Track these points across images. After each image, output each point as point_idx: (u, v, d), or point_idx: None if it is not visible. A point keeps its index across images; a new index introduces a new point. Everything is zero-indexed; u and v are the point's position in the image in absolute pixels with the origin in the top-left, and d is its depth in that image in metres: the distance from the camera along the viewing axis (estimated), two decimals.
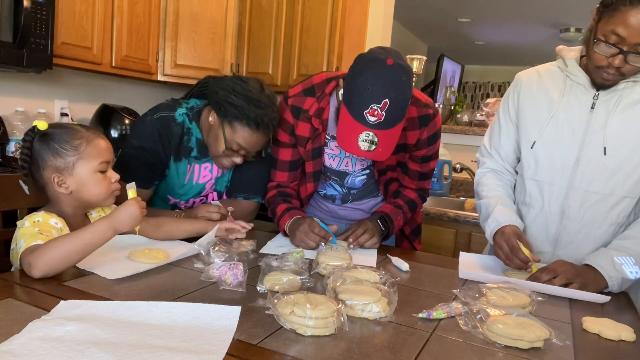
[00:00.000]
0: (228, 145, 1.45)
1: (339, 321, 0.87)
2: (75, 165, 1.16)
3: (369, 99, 1.26)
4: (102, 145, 1.21)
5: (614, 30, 1.20)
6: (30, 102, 2.63)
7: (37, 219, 1.11)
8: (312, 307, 0.86)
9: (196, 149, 1.56)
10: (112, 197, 1.24)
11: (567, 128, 1.38)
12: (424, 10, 5.67)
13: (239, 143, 1.44)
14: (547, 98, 1.43)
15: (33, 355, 0.71)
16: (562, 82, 1.42)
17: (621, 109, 1.32)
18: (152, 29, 2.91)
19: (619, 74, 1.27)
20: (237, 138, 1.44)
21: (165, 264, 1.19)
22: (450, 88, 3.59)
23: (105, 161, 1.20)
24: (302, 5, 3.08)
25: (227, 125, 1.44)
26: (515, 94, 1.51)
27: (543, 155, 1.43)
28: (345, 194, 1.68)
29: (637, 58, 1.22)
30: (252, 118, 1.41)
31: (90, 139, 1.19)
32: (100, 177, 1.19)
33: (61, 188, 1.16)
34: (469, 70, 8.77)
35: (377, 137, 1.27)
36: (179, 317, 0.87)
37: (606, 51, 1.25)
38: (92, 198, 1.20)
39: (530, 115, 1.46)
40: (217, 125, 1.46)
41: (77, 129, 1.20)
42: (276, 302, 0.90)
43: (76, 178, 1.16)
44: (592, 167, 1.36)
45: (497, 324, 0.90)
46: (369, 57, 1.29)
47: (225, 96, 1.42)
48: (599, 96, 1.35)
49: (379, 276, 1.11)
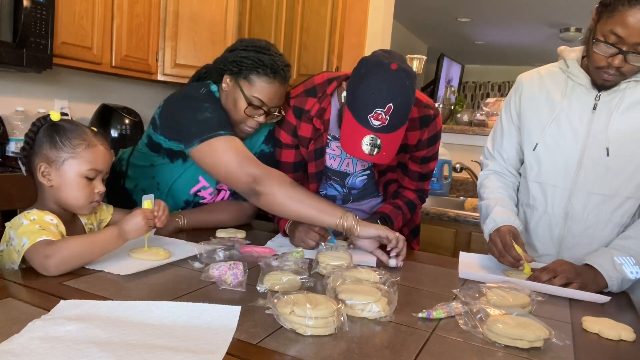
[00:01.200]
0: (248, 101, 1.43)
1: (338, 321, 0.87)
2: (64, 162, 1.16)
3: (373, 103, 1.25)
4: (101, 153, 1.20)
5: (613, 30, 1.21)
6: (30, 102, 2.63)
7: (32, 217, 1.11)
8: (312, 306, 0.86)
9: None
10: (89, 208, 1.21)
11: (569, 129, 1.38)
12: (424, 10, 5.67)
13: (259, 97, 1.43)
14: (548, 100, 1.43)
15: (33, 354, 0.71)
16: (563, 83, 1.42)
17: (623, 109, 1.32)
18: (152, 28, 2.91)
19: (619, 74, 1.27)
20: (256, 92, 1.43)
21: (166, 263, 1.19)
22: (450, 88, 3.59)
23: (96, 169, 1.19)
24: (302, 5, 3.08)
25: (244, 82, 1.43)
26: (517, 95, 1.51)
27: (545, 157, 1.43)
28: (346, 194, 1.68)
29: (636, 57, 1.22)
30: (267, 65, 1.41)
31: (92, 144, 1.18)
32: (84, 182, 1.18)
33: (44, 179, 1.16)
34: (469, 70, 8.77)
35: (380, 140, 1.28)
36: (179, 317, 0.87)
37: (606, 51, 1.25)
38: (69, 200, 1.18)
39: (532, 117, 1.46)
40: (233, 87, 1.45)
41: (85, 131, 1.20)
42: (276, 301, 0.90)
43: (61, 175, 1.16)
44: (595, 168, 1.35)
45: (497, 324, 0.90)
46: (373, 61, 1.29)
47: (235, 55, 1.44)
48: (600, 97, 1.35)
49: (378, 276, 1.10)
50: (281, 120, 1.56)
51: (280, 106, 1.51)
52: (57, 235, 1.10)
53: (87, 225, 1.28)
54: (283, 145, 1.59)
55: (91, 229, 1.29)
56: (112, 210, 1.37)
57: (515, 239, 1.31)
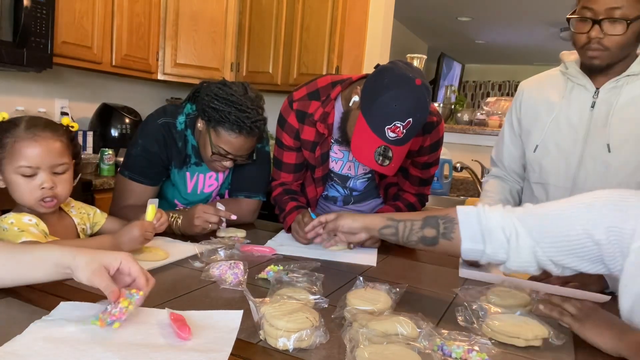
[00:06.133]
0: (215, 150, 1.45)
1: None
2: (2, 163, 1.11)
3: (393, 115, 1.24)
4: (30, 149, 1.09)
5: (585, 5, 1.25)
6: (30, 101, 2.63)
7: (10, 221, 1.09)
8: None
9: (193, 155, 1.57)
10: (41, 206, 1.13)
11: (569, 129, 1.39)
12: (425, 10, 5.67)
13: (224, 148, 1.44)
14: (548, 102, 1.44)
15: (38, 355, 0.71)
16: (563, 85, 1.42)
17: (622, 105, 1.32)
18: (152, 28, 2.91)
19: (602, 47, 1.27)
20: (221, 143, 1.44)
21: (166, 263, 1.19)
22: (450, 87, 3.59)
23: (30, 166, 1.09)
24: (302, 4, 3.08)
25: (212, 131, 1.44)
26: (518, 102, 1.53)
27: (546, 158, 1.43)
28: (347, 196, 1.68)
29: (611, 25, 1.23)
30: (233, 122, 1.39)
31: (20, 139, 1.09)
32: (22, 180, 1.10)
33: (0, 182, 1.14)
34: (469, 69, 8.77)
35: (392, 152, 1.28)
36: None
37: (582, 28, 1.27)
38: (17, 200, 1.13)
39: (532, 121, 1.47)
40: (205, 130, 1.47)
41: (16, 125, 1.11)
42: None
43: (5, 176, 1.12)
44: (596, 166, 1.35)
45: (494, 321, 0.90)
46: (398, 73, 1.26)
47: (208, 101, 1.42)
48: (599, 94, 1.35)
49: (418, 330, 0.82)
50: (283, 122, 1.56)
51: (252, 152, 1.52)
52: (38, 235, 1.09)
53: (79, 225, 1.27)
54: (285, 147, 1.59)
55: (83, 229, 1.28)
56: (105, 216, 1.36)
57: None
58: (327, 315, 0.90)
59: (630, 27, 1.22)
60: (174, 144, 1.53)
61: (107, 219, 1.35)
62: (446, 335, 0.83)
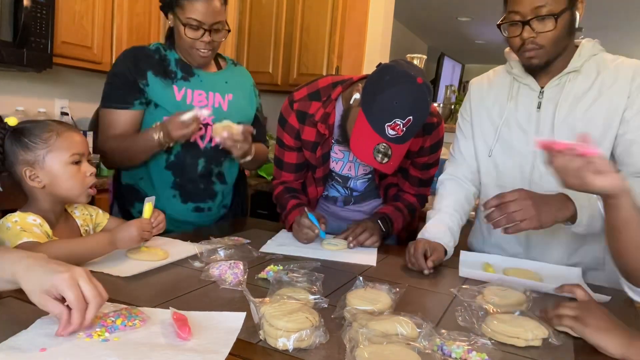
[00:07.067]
0: (185, 23, 1.50)
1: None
2: (45, 159, 1.14)
3: (394, 113, 1.24)
4: (74, 137, 1.18)
5: (511, 9, 1.27)
6: (30, 102, 2.63)
7: (14, 219, 1.10)
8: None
9: (179, 70, 1.60)
10: (86, 194, 1.20)
11: (518, 131, 1.39)
12: (424, 10, 5.67)
13: (194, 17, 1.49)
14: (497, 103, 1.44)
15: (40, 351, 0.72)
16: (509, 85, 1.43)
17: (568, 104, 1.32)
18: (152, 28, 2.90)
19: (538, 46, 1.27)
20: (189, 13, 1.49)
21: (166, 263, 1.19)
22: (450, 87, 3.59)
23: (78, 153, 1.17)
24: (302, 4, 3.08)
25: (178, 10, 1.50)
26: (468, 102, 1.53)
27: (501, 162, 1.43)
28: (347, 196, 1.69)
29: (540, 23, 1.24)
30: None
31: (61, 132, 1.16)
32: (73, 169, 1.16)
33: (34, 182, 1.15)
34: (469, 69, 8.76)
35: (391, 150, 1.28)
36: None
37: (514, 31, 1.29)
38: (64, 192, 1.17)
39: (483, 123, 1.47)
40: (174, 20, 1.54)
41: (48, 122, 1.18)
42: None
43: (47, 171, 1.14)
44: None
45: (494, 322, 0.90)
46: (399, 71, 1.27)
47: None
48: (543, 94, 1.35)
49: (418, 330, 0.82)
50: (283, 122, 1.56)
51: (224, 21, 1.57)
52: (40, 236, 1.09)
53: (82, 227, 1.27)
54: (286, 146, 1.59)
55: (87, 231, 1.28)
56: (108, 216, 1.36)
57: (433, 251, 1.31)
58: (327, 315, 0.90)
59: (559, 21, 1.23)
60: (146, 57, 1.58)
61: (109, 220, 1.36)
62: (446, 335, 0.83)
